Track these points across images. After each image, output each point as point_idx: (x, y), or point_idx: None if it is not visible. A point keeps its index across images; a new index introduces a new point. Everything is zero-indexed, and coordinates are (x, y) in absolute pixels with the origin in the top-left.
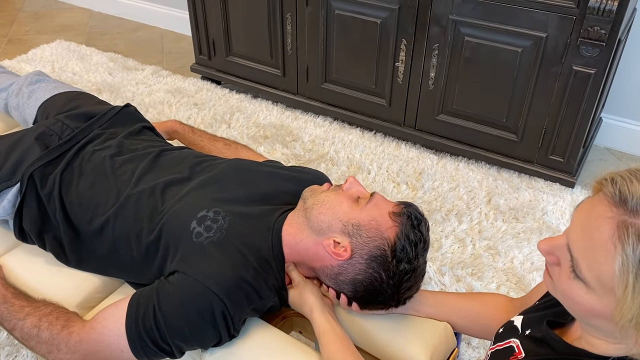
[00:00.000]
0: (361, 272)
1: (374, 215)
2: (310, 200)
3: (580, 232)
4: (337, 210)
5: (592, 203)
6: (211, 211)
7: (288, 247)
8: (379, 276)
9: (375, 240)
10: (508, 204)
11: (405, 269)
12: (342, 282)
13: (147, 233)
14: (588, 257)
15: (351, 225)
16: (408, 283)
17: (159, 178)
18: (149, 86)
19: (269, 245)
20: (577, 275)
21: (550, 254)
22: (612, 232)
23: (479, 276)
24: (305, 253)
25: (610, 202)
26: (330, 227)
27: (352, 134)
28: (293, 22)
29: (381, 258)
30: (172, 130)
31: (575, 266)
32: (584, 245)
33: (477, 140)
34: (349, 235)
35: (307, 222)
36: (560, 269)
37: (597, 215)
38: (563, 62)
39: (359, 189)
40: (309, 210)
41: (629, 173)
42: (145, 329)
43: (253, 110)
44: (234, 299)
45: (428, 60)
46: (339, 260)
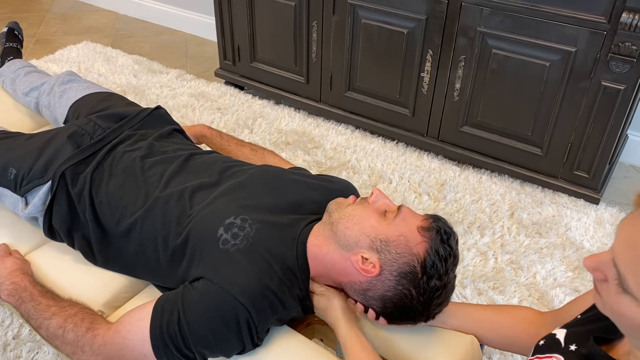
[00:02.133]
0: (390, 289)
1: (402, 231)
2: (336, 214)
3: (626, 246)
4: (364, 225)
5: (635, 217)
6: (238, 218)
7: (314, 258)
8: (409, 293)
9: (405, 256)
10: (531, 218)
11: (436, 286)
12: (371, 297)
13: (174, 237)
14: (635, 271)
15: (379, 240)
16: (439, 299)
17: (187, 182)
18: (173, 89)
19: (293, 255)
20: (625, 290)
21: (597, 270)
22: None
23: (500, 290)
24: (332, 267)
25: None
26: (357, 243)
27: (373, 142)
28: (319, 30)
29: (411, 275)
30: (200, 134)
31: (623, 281)
32: (630, 260)
33: (501, 153)
34: (377, 251)
35: (334, 236)
36: (608, 285)
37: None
38: (592, 77)
39: (385, 202)
40: (335, 225)
41: None
42: (169, 336)
43: (275, 117)
44: (258, 308)
45: (454, 72)
46: (368, 276)
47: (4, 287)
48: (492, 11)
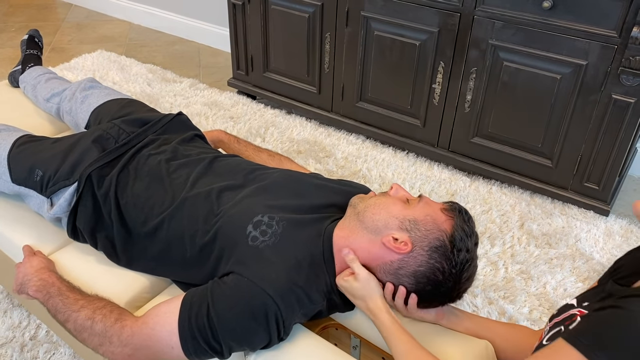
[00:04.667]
0: (423, 264)
1: (428, 211)
2: (361, 205)
3: None
4: (392, 209)
5: None
6: (266, 216)
7: (342, 249)
8: (440, 266)
9: (434, 232)
10: (541, 229)
11: (466, 258)
12: (403, 275)
13: (202, 234)
14: None
15: (408, 221)
16: (467, 273)
17: (213, 183)
18: (187, 98)
19: (320, 250)
20: None
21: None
22: None
23: (511, 300)
24: (362, 253)
25: None
26: (387, 225)
27: (384, 152)
28: (332, 42)
29: (442, 248)
30: (218, 139)
31: None
32: None
33: (511, 164)
34: (407, 230)
35: (361, 224)
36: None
37: None
38: (602, 90)
39: (405, 193)
40: (362, 214)
41: None
42: (198, 327)
43: (287, 126)
44: (287, 302)
45: (465, 83)
46: (401, 254)
47: (32, 283)
48: (504, 24)
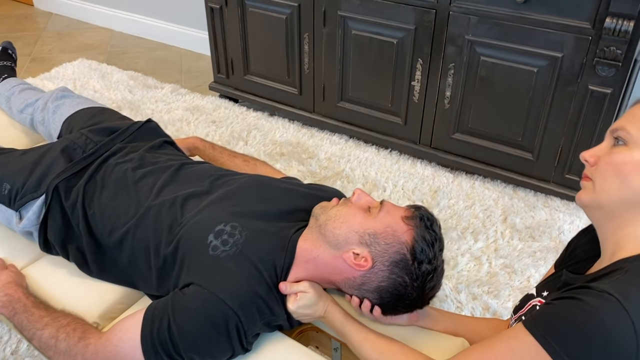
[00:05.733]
0: (385, 279)
1: (388, 222)
2: (322, 217)
3: (629, 113)
4: (352, 222)
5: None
6: (228, 225)
7: (305, 262)
8: (402, 280)
9: (394, 245)
10: (524, 222)
11: (427, 270)
12: (367, 290)
13: (165, 245)
14: (632, 120)
15: (367, 235)
16: (431, 283)
17: (179, 191)
18: (168, 104)
19: (281, 264)
20: (617, 143)
21: (593, 155)
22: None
23: (495, 294)
24: (325, 267)
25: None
26: (347, 240)
27: (367, 151)
28: (310, 42)
29: (402, 262)
30: (193, 146)
31: (620, 135)
32: (630, 117)
33: (492, 159)
34: (367, 245)
35: (323, 238)
36: (598, 160)
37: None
38: (579, 81)
39: (367, 199)
40: (323, 227)
41: None
42: (160, 342)
43: (270, 128)
44: (247, 312)
45: (444, 80)
46: (362, 270)
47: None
48: (480, 19)
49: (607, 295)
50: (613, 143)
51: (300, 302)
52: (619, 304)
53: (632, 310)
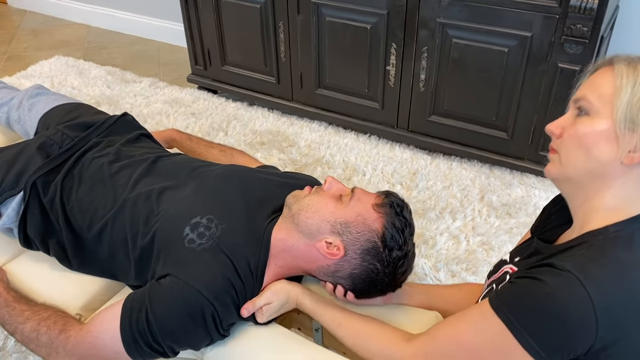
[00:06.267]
0: (357, 267)
1: (359, 211)
2: (295, 207)
3: (589, 81)
4: (323, 211)
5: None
6: (205, 218)
7: (280, 251)
8: (374, 267)
9: (365, 234)
10: (501, 200)
11: (398, 256)
12: (340, 277)
13: (142, 236)
14: (592, 89)
15: (339, 224)
16: (402, 268)
17: (155, 183)
18: (147, 98)
19: (255, 260)
20: (580, 113)
21: (558, 127)
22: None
23: (473, 271)
24: (300, 256)
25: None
26: (319, 230)
27: (347, 137)
28: (285, 30)
29: (374, 250)
30: (170, 138)
31: (582, 105)
32: (590, 85)
33: (468, 139)
34: (339, 234)
35: (296, 227)
36: (563, 132)
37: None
38: (549, 60)
39: (339, 187)
40: (296, 216)
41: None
42: (138, 332)
43: (249, 118)
44: (222, 302)
45: (418, 63)
46: (334, 259)
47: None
48: (450, 2)
49: (569, 275)
50: (577, 113)
51: (267, 313)
52: (580, 283)
53: (592, 289)
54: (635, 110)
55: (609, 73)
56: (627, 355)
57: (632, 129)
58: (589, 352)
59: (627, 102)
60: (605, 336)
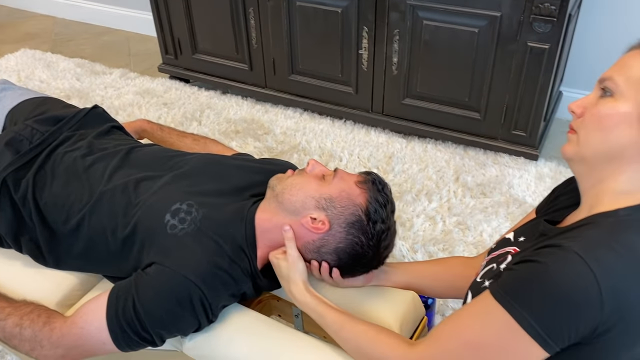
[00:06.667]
0: (342, 240)
1: (343, 187)
2: (278, 187)
3: (618, 63)
4: (307, 189)
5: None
6: (184, 204)
7: (265, 232)
8: (359, 240)
9: (349, 208)
10: (475, 180)
11: (382, 229)
12: (325, 252)
13: (122, 228)
14: (620, 70)
15: (324, 199)
16: (385, 242)
17: (131, 175)
18: (118, 89)
19: (242, 234)
20: (604, 94)
21: (580, 107)
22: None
23: (450, 251)
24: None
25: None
26: (304, 206)
27: (322, 123)
28: (256, 16)
29: (358, 223)
30: (140, 129)
31: (607, 86)
32: (619, 66)
33: (442, 121)
34: (324, 209)
35: (281, 206)
36: (584, 112)
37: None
38: (518, 39)
39: (321, 169)
40: (280, 196)
41: None
42: (126, 320)
43: (223, 106)
44: (210, 285)
45: (390, 46)
46: (320, 233)
47: None
48: None
49: (574, 256)
50: (601, 94)
51: (274, 259)
52: (585, 264)
53: (599, 270)
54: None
55: (638, 55)
56: (627, 337)
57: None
58: (592, 334)
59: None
60: (610, 319)
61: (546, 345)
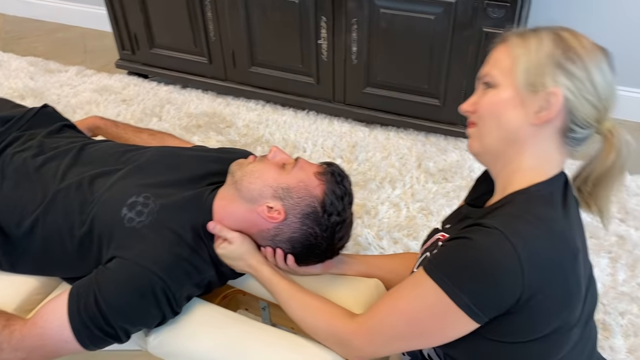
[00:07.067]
0: (297, 230)
1: (301, 177)
2: (238, 173)
3: (490, 59)
4: (266, 177)
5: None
6: (141, 196)
7: (222, 219)
8: (313, 231)
9: (306, 199)
10: (437, 166)
11: (336, 221)
12: (280, 241)
13: (79, 226)
14: (493, 64)
15: (281, 189)
16: (340, 233)
17: (85, 172)
18: (74, 87)
19: (200, 223)
20: (487, 87)
21: (471, 104)
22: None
23: (414, 236)
24: (241, 222)
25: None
26: (261, 194)
27: (285, 114)
28: (213, 8)
29: (313, 214)
30: (94, 126)
31: (488, 80)
32: (491, 62)
33: (403, 109)
34: (280, 198)
35: (239, 193)
36: (476, 107)
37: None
38: (474, 25)
39: (283, 157)
40: (239, 182)
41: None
42: (88, 316)
43: (183, 101)
44: (172, 276)
45: (349, 35)
46: (274, 222)
47: None
48: None
49: (496, 231)
50: (484, 89)
51: (220, 250)
52: (506, 238)
53: (517, 243)
54: (533, 75)
55: (504, 48)
56: (548, 305)
57: (534, 91)
58: (518, 303)
59: (524, 69)
60: (531, 285)
61: (475, 315)
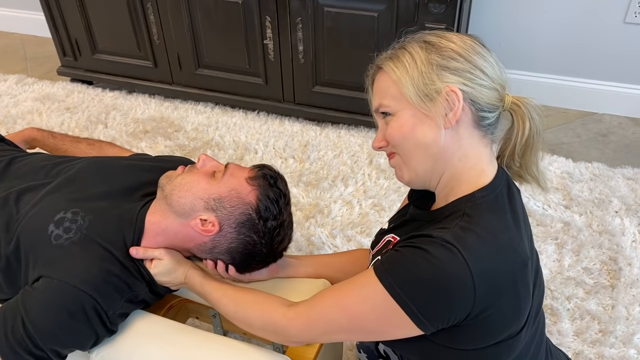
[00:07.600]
0: (234, 240)
1: (233, 185)
2: (168, 187)
3: (375, 91)
4: (196, 189)
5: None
6: (69, 212)
7: (155, 235)
8: (251, 239)
9: (239, 207)
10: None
11: (273, 226)
12: (219, 253)
13: (5, 245)
14: (381, 95)
15: (212, 200)
16: (279, 237)
17: (12, 187)
18: (14, 97)
19: (131, 239)
20: (386, 116)
21: (380, 140)
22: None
23: (367, 233)
24: (175, 237)
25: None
26: (193, 208)
27: (235, 116)
28: (155, 11)
29: (249, 222)
30: (30, 138)
31: (384, 111)
32: (377, 94)
33: (353, 106)
34: (213, 210)
35: (170, 208)
36: (387, 139)
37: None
38: (416, 21)
39: (212, 164)
40: (169, 197)
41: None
42: (16, 340)
43: (130, 106)
44: (103, 293)
45: (294, 35)
46: (210, 235)
47: None
48: None
49: (449, 246)
50: (384, 119)
51: (155, 269)
52: (459, 253)
53: (469, 258)
54: (422, 86)
55: (383, 77)
56: (499, 317)
57: (432, 100)
58: (467, 317)
59: (412, 86)
60: (483, 300)
61: (421, 324)
